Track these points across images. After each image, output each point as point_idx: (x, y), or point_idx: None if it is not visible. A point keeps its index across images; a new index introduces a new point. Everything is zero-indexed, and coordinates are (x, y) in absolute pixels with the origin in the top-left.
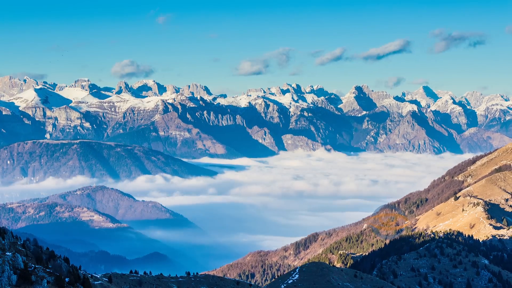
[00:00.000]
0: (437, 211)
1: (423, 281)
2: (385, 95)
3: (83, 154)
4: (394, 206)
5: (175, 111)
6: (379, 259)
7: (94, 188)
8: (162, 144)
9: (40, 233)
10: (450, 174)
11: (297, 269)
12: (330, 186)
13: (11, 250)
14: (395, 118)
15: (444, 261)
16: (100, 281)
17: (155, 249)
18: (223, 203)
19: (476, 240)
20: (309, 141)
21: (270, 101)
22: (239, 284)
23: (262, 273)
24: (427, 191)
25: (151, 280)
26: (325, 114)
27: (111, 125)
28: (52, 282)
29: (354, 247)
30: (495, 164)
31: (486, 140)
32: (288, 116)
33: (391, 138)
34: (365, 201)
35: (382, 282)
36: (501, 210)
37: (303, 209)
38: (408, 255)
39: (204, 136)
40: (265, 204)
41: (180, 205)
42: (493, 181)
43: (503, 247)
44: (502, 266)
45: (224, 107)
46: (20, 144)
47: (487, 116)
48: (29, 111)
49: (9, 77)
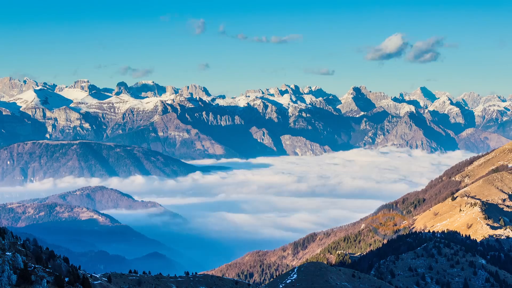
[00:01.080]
0: (435, 211)
1: (421, 281)
2: (383, 96)
3: (83, 155)
4: (392, 206)
5: (174, 112)
6: (377, 259)
7: (93, 188)
8: (161, 145)
9: (40, 233)
10: (448, 175)
11: (295, 269)
12: (329, 186)
13: (11, 250)
14: (393, 119)
15: (442, 261)
16: (100, 280)
17: (154, 249)
18: (222, 203)
19: (473, 240)
20: (308, 142)
21: (268, 101)
22: (237, 284)
23: (261, 273)
24: (425, 191)
25: (150, 280)
26: (323, 114)
27: (111, 126)
28: (51, 281)
29: (352, 247)
30: (492, 164)
31: (483, 140)
32: (286, 117)
33: (388, 138)
34: (363, 201)
35: (380, 282)
36: (498, 210)
37: (301, 209)
38: (406, 255)
39: (203, 137)
40: (264, 203)
41: (179, 205)
42: (490, 182)
43: (500, 247)
44: (499, 266)
45: (223, 108)
46: (20, 144)
47: (484, 117)
48: (29, 112)
49: (9, 78)
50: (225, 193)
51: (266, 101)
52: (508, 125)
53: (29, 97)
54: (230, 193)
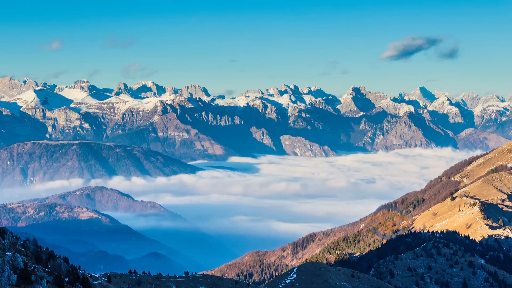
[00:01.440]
0: (434, 211)
1: (420, 280)
2: (382, 96)
3: (83, 155)
4: (391, 206)
5: (173, 112)
6: (376, 259)
7: (93, 188)
8: (161, 145)
9: (40, 233)
10: (447, 175)
11: (294, 268)
12: (327, 186)
13: (11, 250)
14: (392, 119)
15: (441, 261)
16: (99, 280)
17: (154, 249)
18: (221, 203)
19: (472, 240)
20: (307, 142)
21: (268, 101)
22: (237, 283)
23: (260, 273)
24: (424, 192)
25: (150, 280)
26: (323, 115)
27: (110, 126)
28: (51, 281)
29: (352, 247)
30: (491, 164)
31: (482, 140)
32: (286, 117)
33: (388, 138)
34: (361, 201)
35: (379, 282)
36: (497, 210)
37: (299, 209)
38: (405, 255)
39: (203, 137)
40: (262, 203)
41: (178, 205)
42: (489, 182)
43: (499, 247)
44: (498, 266)
45: (222, 108)
46: (20, 144)
47: (483, 117)
48: (29, 112)
49: (9, 78)
50: (224, 193)
51: (265, 101)
52: (507, 125)
53: (29, 97)
54: (229, 193)
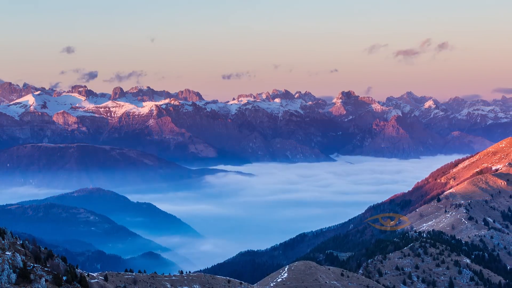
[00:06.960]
0: (421, 212)
1: (407, 279)
2: (370, 100)
3: (80, 157)
4: (379, 207)
5: (168, 116)
6: (365, 258)
7: (90, 190)
8: (156, 148)
9: (39, 233)
10: (434, 177)
11: (285, 267)
12: (323, 189)
13: (10, 250)
14: (380, 123)
15: (428, 260)
16: (97, 279)
17: (150, 249)
18: (215, 205)
19: (458, 240)
20: (298, 145)
21: (259, 106)
22: (230, 282)
23: (252, 272)
24: (411, 193)
25: (145, 279)
26: (313, 118)
27: (107, 130)
28: (50, 280)
29: (341, 247)
30: (477, 166)
31: (468, 144)
32: (277, 121)
33: (376, 142)
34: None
35: (368, 281)
36: (482, 211)
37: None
38: (393, 255)
39: (197, 140)
40: (256, 205)
41: (173, 207)
42: (475, 183)
43: (484, 246)
44: (483, 265)
45: (215, 112)
46: (19, 147)
47: (469, 121)
48: (28, 116)
49: (9, 83)
50: (218, 195)
51: (257, 105)
52: (492, 128)
53: (29, 102)
54: (223, 195)
